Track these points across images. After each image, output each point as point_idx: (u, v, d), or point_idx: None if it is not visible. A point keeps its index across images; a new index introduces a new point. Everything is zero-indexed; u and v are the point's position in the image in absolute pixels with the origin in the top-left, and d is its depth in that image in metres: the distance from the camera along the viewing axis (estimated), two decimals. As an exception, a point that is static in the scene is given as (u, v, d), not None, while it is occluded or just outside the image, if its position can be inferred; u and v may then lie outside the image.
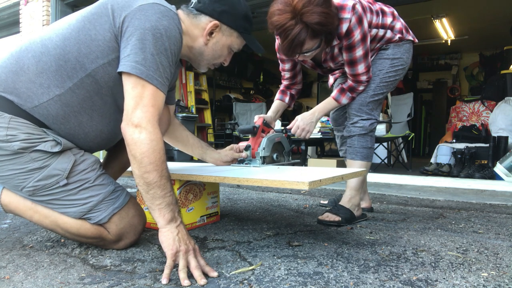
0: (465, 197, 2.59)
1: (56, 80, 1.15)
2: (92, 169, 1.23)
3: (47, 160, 1.16)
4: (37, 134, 1.15)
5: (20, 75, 1.15)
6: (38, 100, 1.15)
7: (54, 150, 1.16)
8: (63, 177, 1.17)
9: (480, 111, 5.87)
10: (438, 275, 1.06)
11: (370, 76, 1.70)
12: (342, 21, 1.54)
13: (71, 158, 1.19)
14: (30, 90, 1.15)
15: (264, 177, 1.22)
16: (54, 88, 1.15)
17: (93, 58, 1.15)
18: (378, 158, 4.93)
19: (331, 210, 1.70)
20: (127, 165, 1.49)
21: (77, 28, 1.17)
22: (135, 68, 1.09)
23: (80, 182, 1.19)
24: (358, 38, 1.58)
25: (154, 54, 1.11)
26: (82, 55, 1.15)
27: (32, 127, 1.15)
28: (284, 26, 1.43)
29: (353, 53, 1.61)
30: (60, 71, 1.15)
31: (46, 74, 1.15)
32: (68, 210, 1.20)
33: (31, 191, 1.17)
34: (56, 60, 1.15)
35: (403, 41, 1.74)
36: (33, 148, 1.14)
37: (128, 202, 1.27)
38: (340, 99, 1.73)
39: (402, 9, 5.83)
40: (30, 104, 1.15)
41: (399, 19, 1.76)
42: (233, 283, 1.00)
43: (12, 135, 1.12)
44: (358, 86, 1.70)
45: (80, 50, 1.15)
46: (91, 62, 1.15)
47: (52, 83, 1.15)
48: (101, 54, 1.15)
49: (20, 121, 1.14)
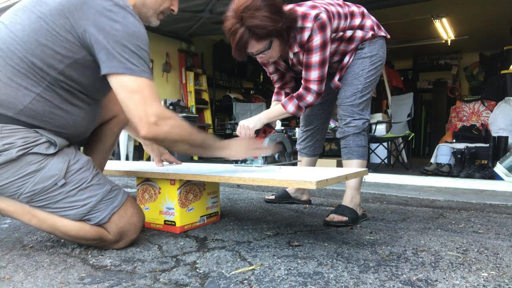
0: (465, 197, 2.59)
1: (31, 80, 1.13)
2: (87, 168, 1.23)
3: (42, 162, 1.15)
4: (32, 137, 1.14)
5: None
6: (21, 104, 1.13)
7: (49, 152, 1.16)
8: (61, 177, 1.16)
9: (480, 111, 5.86)
10: (438, 275, 1.06)
11: (322, 90, 1.69)
12: (304, 29, 1.59)
13: (66, 158, 1.19)
14: (9, 96, 1.12)
15: (270, 177, 1.22)
16: (32, 88, 1.14)
17: (60, 58, 1.14)
18: (378, 158, 4.93)
19: (336, 211, 1.70)
20: (108, 154, 1.56)
21: (34, 30, 1.12)
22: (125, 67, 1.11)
23: (78, 183, 1.19)
24: (317, 43, 1.59)
25: (136, 50, 1.13)
26: (48, 56, 1.13)
27: (24, 131, 1.14)
28: (231, 30, 1.53)
29: (310, 56, 1.63)
30: (31, 72, 1.13)
31: (20, 77, 1.13)
32: (68, 213, 1.20)
33: (29, 197, 1.16)
34: (23, 64, 1.12)
35: (376, 37, 1.76)
36: (28, 151, 1.13)
37: (126, 200, 1.28)
38: (287, 105, 1.72)
39: (402, 9, 5.84)
40: (15, 110, 1.13)
41: (369, 17, 1.78)
42: (233, 283, 1.00)
43: (9, 143, 1.11)
44: (307, 94, 1.69)
45: (44, 52, 1.13)
46: (59, 62, 1.14)
47: (29, 84, 1.13)
48: (67, 53, 1.14)
49: (11, 128, 1.13)
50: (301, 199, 2.22)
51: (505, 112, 4.45)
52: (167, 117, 1.17)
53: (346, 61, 1.75)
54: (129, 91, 1.13)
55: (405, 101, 4.95)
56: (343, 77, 1.78)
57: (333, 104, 2.01)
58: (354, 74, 1.74)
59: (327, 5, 1.65)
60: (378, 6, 4.57)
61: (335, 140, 5.40)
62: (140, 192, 1.63)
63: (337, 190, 2.77)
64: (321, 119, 2.05)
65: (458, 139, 4.88)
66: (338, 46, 1.73)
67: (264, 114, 1.74)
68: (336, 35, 1.68)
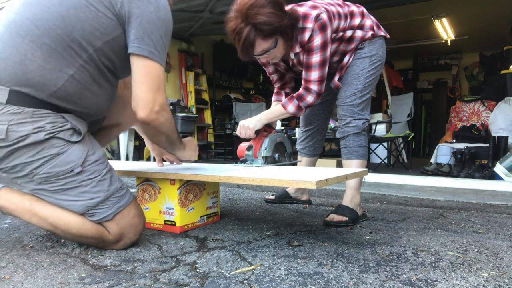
0: (465, 197, 2.59)
1: (66, 60, 1.14)
2: (103, 161, 1.24)
3: (64, 147, 1.16)
4: (59, 123, 1.16)
5: (27, 64, 1.11)
6: (55, 86, 1.14)
7: (72, 139, 1.18)
8: (78, 164, 1.17)
9: (480, 111, 5.86)
10: (438, 275, 1.06)
11: (322, 90, 1.69)
12: (305, 30, 1.59)
13: (85, 148, 1.21)
14: (44, 78, 1.13)
15: (271, 177, 1.22)
16: (66, 69, 1.15)
17: (99, 35, 1.16)
18: (378, 158, 4.93)
19: (336, 211, 1.70)
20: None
21: (73, 5, 1.14)
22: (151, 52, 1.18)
23: (93, 174, 1.20)
24: (318, 44, 1.60)
25: (162, 36, 1.20)
26: (87, 33, 1.14)
27: (52, 116, 1.16)
28: (236, 30, 1.52)
29: (310, 57, 1.63)
30: (67, 51, 1.14)
31: (55, 57, 1.13)
32: (74, 203, 1.20)
33: (43, 178, 1.16)
34: (61, 41, 1.13)
35: (376, 37, 1.76)
36: (55, 135, 1.15)
37: (131, 201, 1.28)
38: (287, 105, 1.72)
39: (402, 9, 5.84)
40: (48, 92, 1.14)
41: (369, 17, 1.78)
42: (233, 283, 1.00)
43: (39, 127, 1.13)
44: (307, 95, 1.69)
45: (84, 29, 1.14)
46: (97, 39, 1.16)
47: (63, 65, 1.14)
48: (105, 31, 1.16)
49: (41, 113, 1.14)
50: (301, 199, 2.22)
51: (505, 112, 4.45)
52: (166, 110, 1.26)
53: (346, 61, 1.75)
54: (148, 76, 1.19)
55: (405, 101, 4.95)
56: (343, 77, 1.78)
57: (333, 104, 2.01)
58: (354, 74, 1.74)
59: (328, 5, 1.65)
60: (378, 6, 4.57)
61: (335, 140, 5.40)
62: (140, 192, 1.63)
63: (337, 190, 2.77)
64: (321, 119, 2.05)
65: (458, 139, 4.88)
66: (338, 46, 1.73)
67: (264, 114, 1.74)
68: (336, 35, 1.68)
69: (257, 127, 1.69)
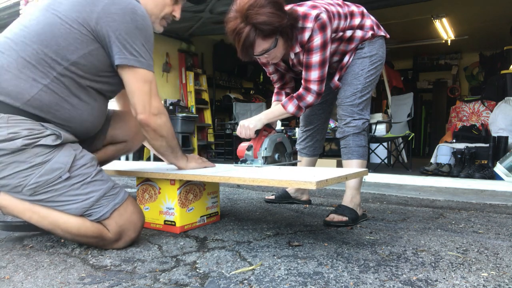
0: (465, 197, 2.59)
1: (40, 71, 1.18)
2: (92, 165, 1.25)
3: (49, 155, 1.17)
4: (37, 129, 1.17)
5: (2, 74, 1.16)
6: (29, 94, 1.17)
7: (55, 143, 1.18)
8: (65, 170, 1.18)
9: (480, 111, 5.86)
10: (438, 275, 1.06)
11: (322, 90, 1.69)
12: (305, 29, 1.59)
13: (72, 153, 1.21)
14: (18, 87, 1.16)
15: (271, 177, 1.22)
16: (40, 79, 1.18)
17: (73, 49, 1.20)
18: (378, 158, 4.93)
19: (336, 211, 1.70)
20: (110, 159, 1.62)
21: (49, 23, 1.20)
22: (136, 61, 1.23)
23: (82, 177, 1.21)
24: (318, 43, 1.60)
25: (144, 43, 1.25)
26: (62, 48, 1.19)
27: (29, 123, 1.17)
28: (236, 30, 1.53)
29: (310, 57, 1.63)
30: (41, 63, 1.18)
31: (29, 69, 1.17)
32: (70, 207, 1.20)
33: (33, 188, 1.17)
34: (36, 55, 1.18)
35: (376, 37, 1.76)
36: (35, 143, 1.15)
37: (127, 199, 1.29)
38: (287, 105, 1.72)
39: (402, 9, 5.84)
40: (22, 100, 1.16)
41: (368, 17, 1.78)
42: (233, 283, 1.00)
43: (14, 132, 1.14)
44: (307, 94, 1.69)
45: (59, 43, 1.19)
46: (72, 53, 1.20)
47: (37, 75, 1.18)
48: (80, 45, 1.20)
49: (18, 119, 1.16)
50: (301, 199, 2.22)
51: (505, 112, 4.45)
52: (164, 113, 1.34)
53: (346, 61, 1.75)
54: (138, 83, 1.26)
55: (405, 101, 4.95)
56: (343, 77, 1.78)
57: (333, 104, 2.01)
58: (354, 74, 1.74)
59: (327, 5, 1.65)
60: (378, 6, 4.57)
61: (335, 140, 5.40)
62: (140, 192, 1.63)
63: (337, 190, 2.77)
64: (321, 119, 2.05)
65: (458, 139, 4.88)
66: (338, 46, 1.73)
67: (264, 114, 1.74)
68: (336, 35, 1.68)
69: (257, 127, 1.69)
